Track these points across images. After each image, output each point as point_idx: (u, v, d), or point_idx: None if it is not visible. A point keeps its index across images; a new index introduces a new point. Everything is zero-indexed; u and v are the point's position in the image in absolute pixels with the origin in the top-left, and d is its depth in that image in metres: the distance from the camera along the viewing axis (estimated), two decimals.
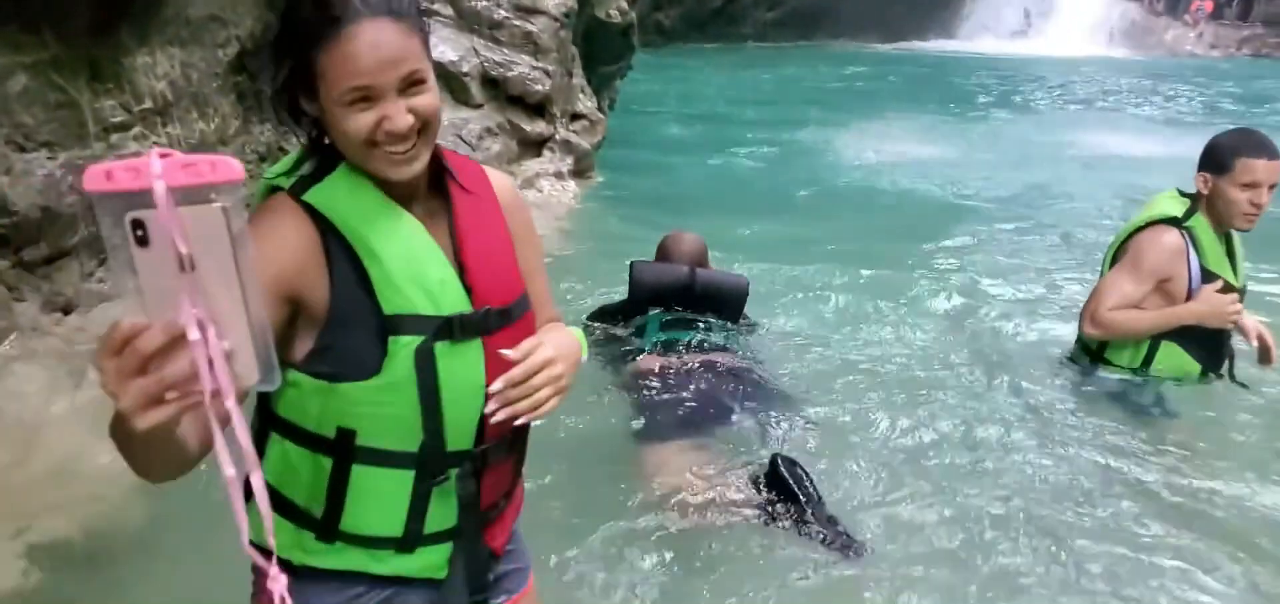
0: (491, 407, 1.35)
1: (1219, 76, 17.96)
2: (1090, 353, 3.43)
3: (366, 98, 1.26)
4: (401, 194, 1.36)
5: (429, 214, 1.40)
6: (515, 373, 1.33)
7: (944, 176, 8.48)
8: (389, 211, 1.34)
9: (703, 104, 13.86)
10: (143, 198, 0.78)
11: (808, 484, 2.81)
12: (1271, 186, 2.97)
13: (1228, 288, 3.10)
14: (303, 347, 1.32)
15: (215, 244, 0.81)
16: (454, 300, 1.35)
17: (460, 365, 1.35)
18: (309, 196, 1.32)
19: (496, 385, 1.33)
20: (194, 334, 0.82)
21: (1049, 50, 22.32)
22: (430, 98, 1.30)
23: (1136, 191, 7.51)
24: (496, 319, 1.39)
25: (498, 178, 1.55)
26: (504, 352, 1.34)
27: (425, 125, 1.30)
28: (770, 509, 2.80)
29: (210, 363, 0.84)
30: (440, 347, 1.33)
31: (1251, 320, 3.19)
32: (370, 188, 1.34)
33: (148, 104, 3.73)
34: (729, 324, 3.75)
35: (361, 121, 1.26)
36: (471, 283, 1.38)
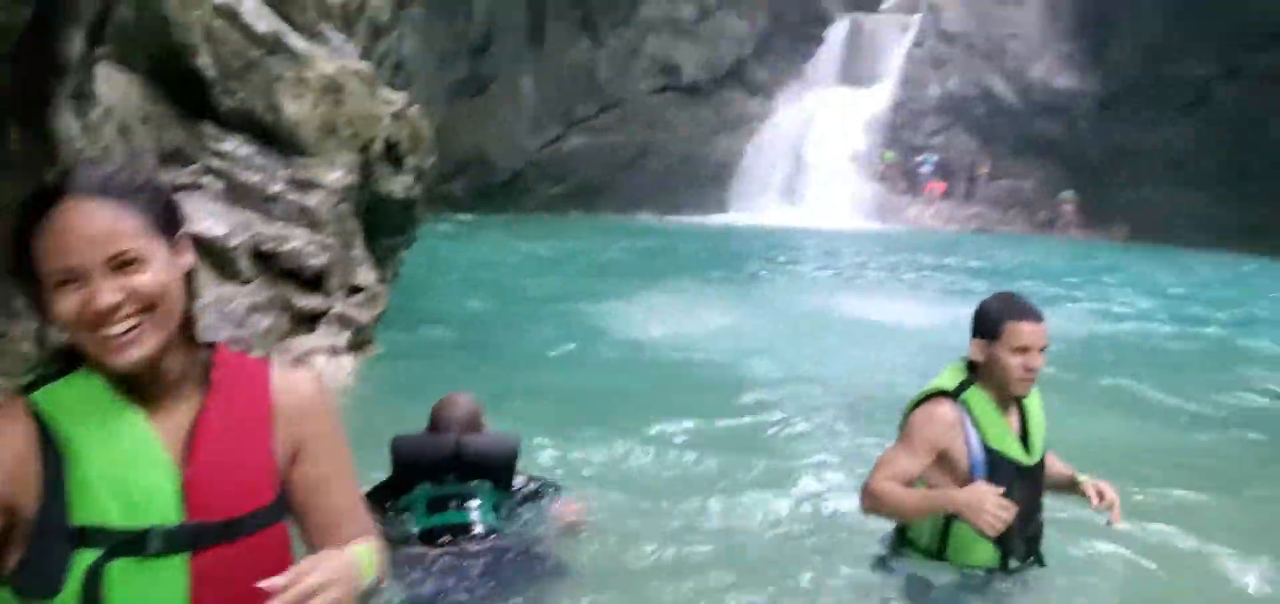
0: None
1: (955, 248, 20.19)
2: (897, 534, 3.22)
3: (72, 279, 1.21)
4: (145, 392, 1.28)
5: (172, 414, 1.30)
6: None
7: (722, 346, 8.81)
8: (111, 411, 1.25)
9: (490, 273, 13.97)
10: None
11: None
12: (1042, 349, 2.90)
13: (1018, 469, 2.92)
14: (13, 557, 1.21)
15: None
16: (160, 511, 1.24)
17: (148, 586, 1.23)
18: (36, 396, 1.25)
19: None
20: None
21: (810, 222, 24.31)
22: (149, 278, 1.24)
23: (904, 356, 8.17)
24: (214, 534, 1.27)
25: (289, 380, 1.45)
26: (261, 583, 1.22)
27: (148, 307, 1.24)
28: None
29: None
30: (120, 564, 1.21)
31: (1090, 482, 3.03)
32: (101, 386, 1.26)
33: None
34: (501, 489, 3.66)
35: (68, 303, 1.21)
36: (190, 492, 1.27)
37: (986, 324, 2.95)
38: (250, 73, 6.35)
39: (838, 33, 29.42)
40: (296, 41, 6.75)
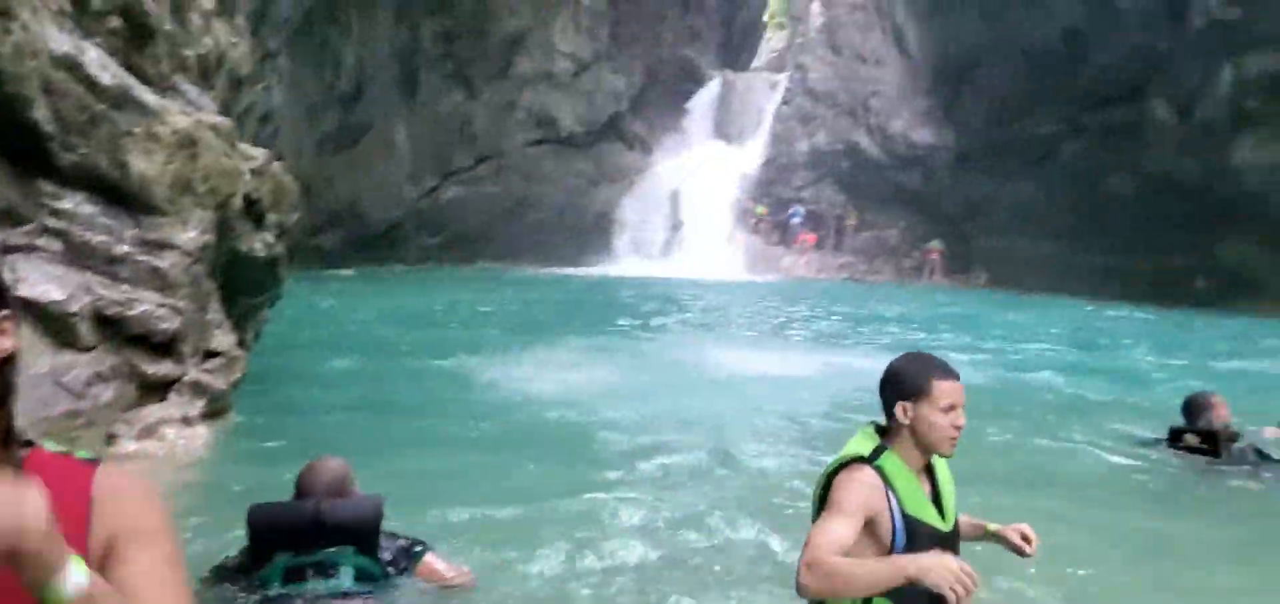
0: None
1: (826, 296, 20.83)
2: None
3: None
4: None
5: None
6: None
7: (601, 400, 8.68)
8: None
9: (361, 330, 13.53)
10: None
11: None
12: (962, 406, 2.84)
13: (934, 535, 2.79)
14: None
15: None
16: None
17: None
18: None
19: None
20: None
21: (687, 273, 24.68)
22: None
23: (783, 407, 8.22)
24: None
25: (113, 479, 1.30)
26: None
27: None
28: None
29: None
30: None
31: (1010, 528, 2.94)
32: None
33: None
34: (366, 554, 3.49)
35: None
36: None
37: (912, 385, 2.83)
38: (94, 127, 5.97)
39: (711, 90, 30.29)
40: (146, 95, 6.40)
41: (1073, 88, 23.18)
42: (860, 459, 2.83)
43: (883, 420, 2.92)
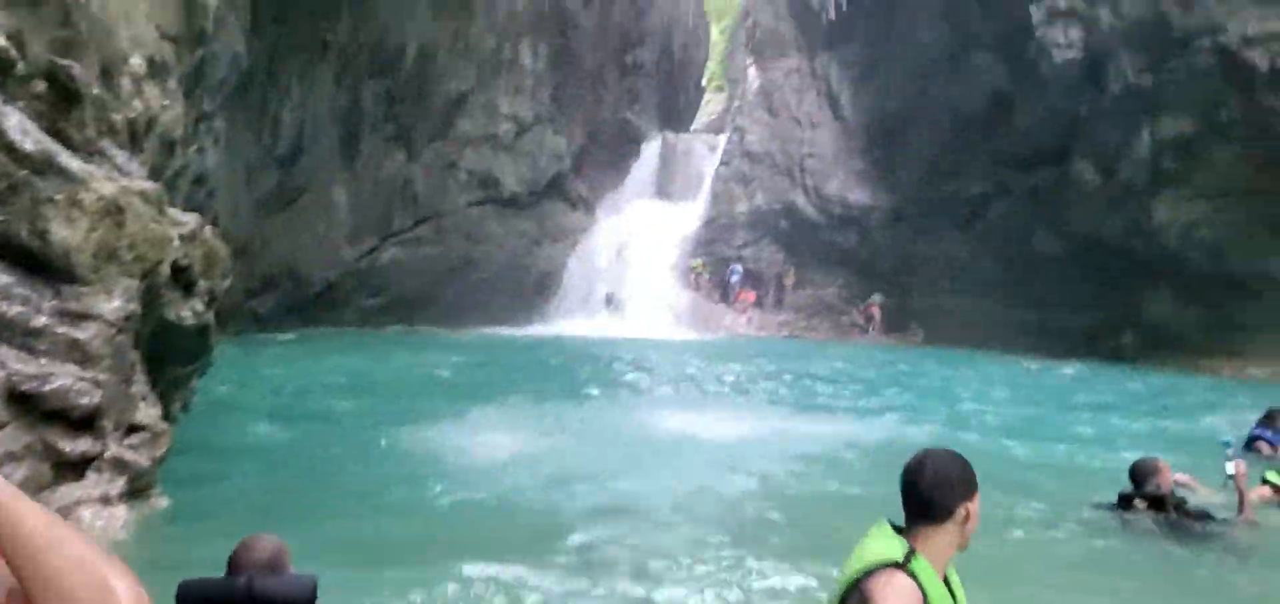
0: None
1: (768, 354, 20.94)
2: None
3: None
4: None
5: None
6: None
7: (547, 470, 8.53)
8: None
9: (298, 397, 13.19)
10: None
11: None
12: None
13: None
14: None
15: None
16: None
17: None
18: None
19: None
20: None
21: (632, 332, 24.65)
22: None
23: (731, 476, 8.17)
24: None
25: None
26: None
27: None
28: None
29: None
30: None
31: None
32: None
33: None
34: None
35: None
36: None
37: (968, 478, 2.68)
38: (13, 195, 5.79)
39: (651, 151, 30.62)
40: (70, 161, 6.22)
41: (1000, 150, 23.89)
42: (893, 564, 2.58)
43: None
